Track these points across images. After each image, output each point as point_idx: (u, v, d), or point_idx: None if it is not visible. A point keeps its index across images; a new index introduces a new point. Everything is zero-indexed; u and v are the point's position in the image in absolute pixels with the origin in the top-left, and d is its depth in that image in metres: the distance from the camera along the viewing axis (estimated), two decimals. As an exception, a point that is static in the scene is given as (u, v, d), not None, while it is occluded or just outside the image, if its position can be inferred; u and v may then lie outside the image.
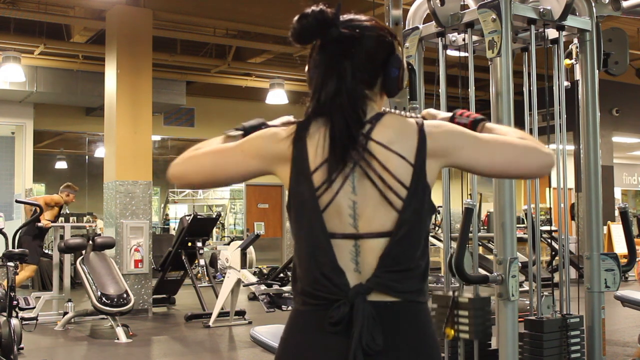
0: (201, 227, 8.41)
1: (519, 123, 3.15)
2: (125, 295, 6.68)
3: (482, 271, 3.86)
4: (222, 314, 7.34)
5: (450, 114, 1.71)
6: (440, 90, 3.46)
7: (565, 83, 3.49)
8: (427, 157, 1.49)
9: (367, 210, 1.46)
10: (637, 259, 3.94)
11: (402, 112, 1.64)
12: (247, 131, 1.67)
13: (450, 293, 3.27)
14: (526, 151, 1.55)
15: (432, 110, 1.74)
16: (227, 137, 1.69)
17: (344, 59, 1.50)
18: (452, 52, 3.70)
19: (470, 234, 3.13)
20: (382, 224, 1.46)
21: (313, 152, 1.49)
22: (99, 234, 8.93)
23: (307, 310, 1.50)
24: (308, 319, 1.49)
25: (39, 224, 8.16)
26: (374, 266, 1.45)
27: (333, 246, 1.46)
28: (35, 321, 6.63)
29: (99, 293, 6.61)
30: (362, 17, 1.56)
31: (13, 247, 6.45)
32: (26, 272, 8.49)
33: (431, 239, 9.62)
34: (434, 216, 10.97)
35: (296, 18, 1.49)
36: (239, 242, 7.64)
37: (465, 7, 3.34)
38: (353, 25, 1.53)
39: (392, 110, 1.58)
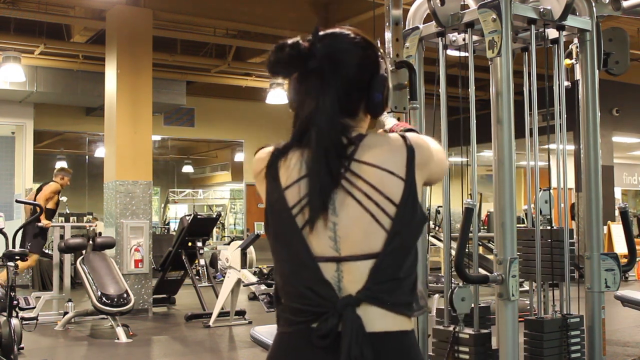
0: (201, 227, 8.41)
1: (519, 123, 3.16)
2: (125, 295, 6.68)
3: (482, 271, 3.85)
4: (222, 314, 7.34)
5: (392, 125, 1.84)
6: (440, 90, 3.46)
7: (566, 83, 3.49)
8: (416, 170, 1.46)
9: (351, 232, 1.41)
10: (638, 259, 3.94)
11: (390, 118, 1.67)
12: None
13: (451, 328, 3.26)
14: (445, 161, 1.63)
15: (382, 118, 1.81)
16: None
17: (323, 89, 1.44)
18: (452, 52, 3.70)
19: (470, 234, 3.13)
20: (370, 245, 1.41)
21: (285, 169, 1.46)
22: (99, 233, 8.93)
23: (293, 330, 1.44)
24: (295, 339, 1.44)
25: (40, 224, 8.18)
26: (361, 285, 1.40)
27: (318, 265, 1.41)
28: (35, 321, 6.62)
29: (99, 293, 6.61)
30: (345, 33, 1.49)
31: (13, 247, 6.45)
32: (28, 261, 8.49)
33: (431, 239, 9.61)
34: (434, 216, 11.00)
35: (272, 50, 1.45)
36: (239, 242, 7.63)
37: (465, 7, 3.34)
38: (332, 51, 1.46)
39: (386, 121, 1.63)
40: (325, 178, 1.42)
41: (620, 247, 10.80)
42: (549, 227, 3.40)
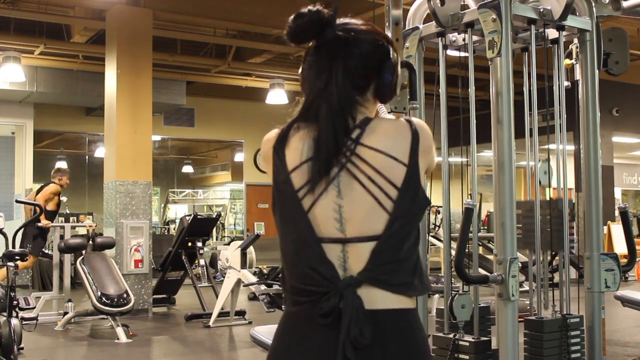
0: (201, 227, 8.41)
1: (519, 123, 3.16)
2: (125, 295, 6.68)
3: (482, 271, 3.85)
4: (222, 314, 7.34)
5: None
6: (440, 90, 3.46)
7: (565, 83, 3.49)
8: (420, 155, 1.49)
9: (356, 214, 1.45)
10: (638, 259, 3.94)
11: (387, 114, 1.63)
12: None
13: (451, 335, 3.26)
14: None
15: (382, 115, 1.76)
16: None
17: (337, 61, 1.49)
18: (452, 52, 3.70)
19: (470, 234, 3.12)
20: (373, 227, 1.44)
21: (292, 152, 1.49)
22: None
23: (297, 309, 1.48)
24: (299, 318, 1.48)
25: (39, 224, 8.17)
26: (363, 265, 1.44)
27: (322, 247, 1.45)
28: (35, 321, 6.62)
29: (99, 293, 6.61)
30: (359, 21, 1.55)
31: (13, 247, 6.45)
32: (25, 262, 8.49)
33: (431, 239, 9.61)
34: (433, 216, 11.00)
35: (292, 17, 1.48)
36: (239, 242, 7.63)
37: (465, 7, 3.34)
38: (349, 28, 1.52)
39: (380, 112, 1.58)
40: (331, 144, 1.46)
41: (620, 247, 10.80)
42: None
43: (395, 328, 1.44)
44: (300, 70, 1.57)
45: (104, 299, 6.56)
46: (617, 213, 8.26)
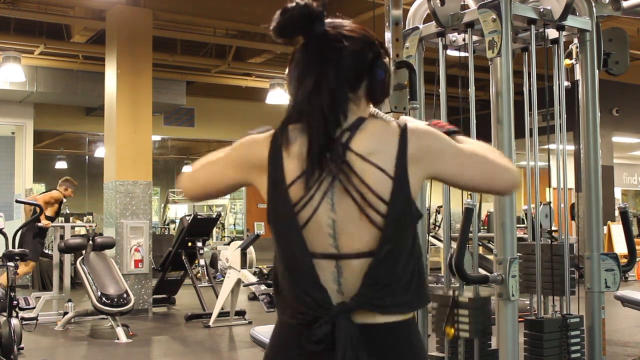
0: (201, 227, 8.41)
1: (519, 123, 3.15)
2: (125, 295, 6.68)
3: (482, 271, 3.85)
4: (222, 314, 7.34)
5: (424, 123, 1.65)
6: (440, 90, 3.46)
7: (565, 83, 3.49)
8: (409, 164, 1.40)
9: (347, 228, 1.40)
10: (638, 259, 3.94)
11: (385, 116, 1.58)
12: None
13: (451, 292, 3.26)
14: (501, 169, 1.49)
15: (406, 118, 1.66)
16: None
17: (328, 56, 1.42)
18: (452, 52, 3.70)
19: (470, 234, 3.12)
20: (364, 243, 1.39)
21: (289, 163, 1.43)
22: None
23: (292, 324, 1.45)
24: (292, 335, 1.45)
25: (39, 224, 8.17)
26: (357, 286, 1.39)
27: (315, 265, 1.41)
28: (35, 321, 6.62)
29: (99, 293, 6.61)
30: (346, 21, 1.49)
31: (13, 247, 6.44)
32: (25, 268, 8.51)
33: (431, 239, 9.62)
34: (434, 216, 11.00)
35: (279, 11, 1.42)
36: (239, 242, 7.64)
37: (465, 7, 3.34)
38: (338, 25, 1.47)
39: (376, 114, 1.51)
40: (322, 139, 1.40)
41: (620, 247, 10.79)
42: (549, 241, 3.39)
43: (391, 338, 1.42)
44: (286, 72, 1.50)
45: (104, 299, 6.56)
46: (617, 213, 8.26)
